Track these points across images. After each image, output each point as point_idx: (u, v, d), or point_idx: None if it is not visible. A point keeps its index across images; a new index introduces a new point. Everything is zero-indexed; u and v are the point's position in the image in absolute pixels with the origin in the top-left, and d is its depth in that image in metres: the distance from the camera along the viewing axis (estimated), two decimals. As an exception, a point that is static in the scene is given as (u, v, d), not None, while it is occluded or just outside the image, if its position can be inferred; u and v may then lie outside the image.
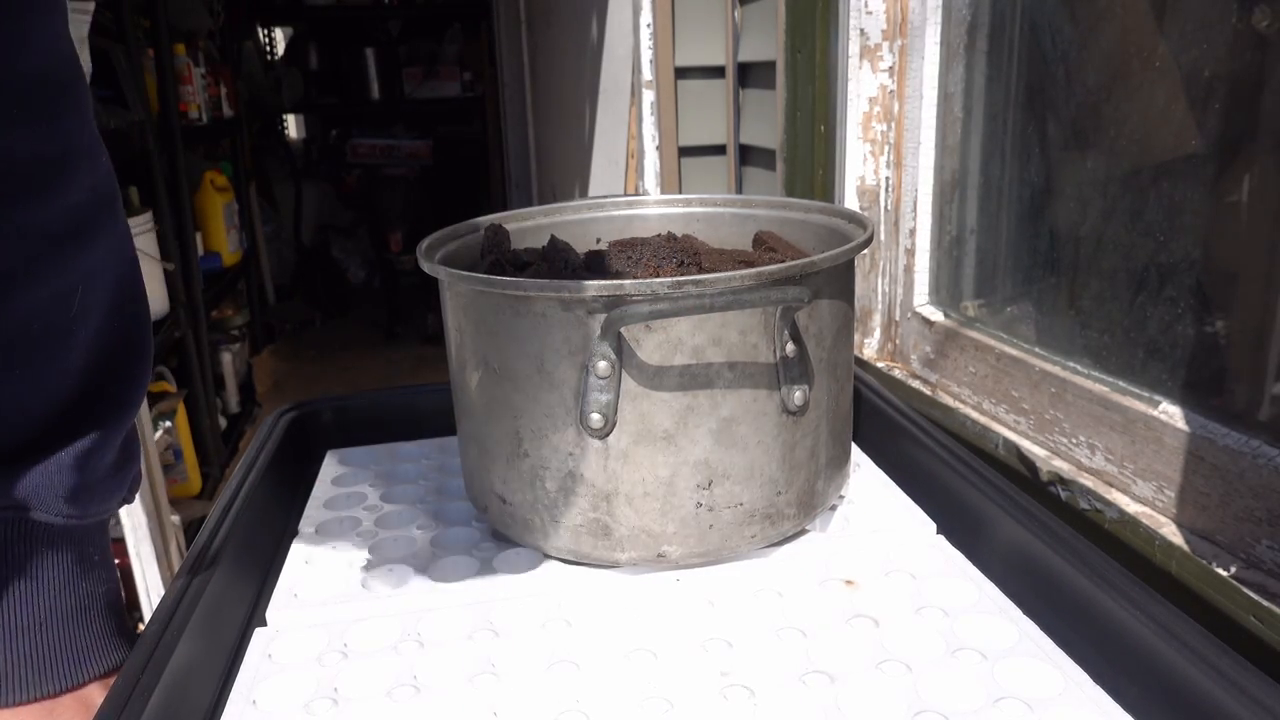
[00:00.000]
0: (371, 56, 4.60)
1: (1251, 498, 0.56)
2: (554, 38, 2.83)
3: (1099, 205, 0.72)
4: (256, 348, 3.77)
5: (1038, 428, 0.75)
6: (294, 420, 0.77)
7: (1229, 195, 0.62)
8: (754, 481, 0.56)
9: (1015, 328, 0.82)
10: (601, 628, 0.52)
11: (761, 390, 0.54)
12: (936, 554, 0.59)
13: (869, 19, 0.93)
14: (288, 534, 0.65)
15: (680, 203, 0.77)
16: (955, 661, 0.48)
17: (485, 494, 0.60)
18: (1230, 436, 0.58)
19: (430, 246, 0.63)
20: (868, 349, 1.01)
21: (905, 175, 0.96)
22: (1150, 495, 0.64)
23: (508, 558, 0.60)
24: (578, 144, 2.41)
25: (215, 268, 2.94)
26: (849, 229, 0.65)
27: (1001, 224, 0.85)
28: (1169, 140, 0.67)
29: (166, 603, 0.50)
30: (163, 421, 2.16)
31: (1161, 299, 0.66)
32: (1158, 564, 0.59)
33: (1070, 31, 0.75)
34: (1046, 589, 0.53)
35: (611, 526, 0.55)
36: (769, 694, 0.46)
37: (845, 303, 0.59)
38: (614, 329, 0.50)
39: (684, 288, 0.49)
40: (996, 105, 0.85)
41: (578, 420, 0.53)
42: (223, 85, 3.34)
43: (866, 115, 0.96)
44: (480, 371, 0.57)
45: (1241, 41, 0.59)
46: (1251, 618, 0.52)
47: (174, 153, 2.54)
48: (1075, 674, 0.47)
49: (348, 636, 0.53)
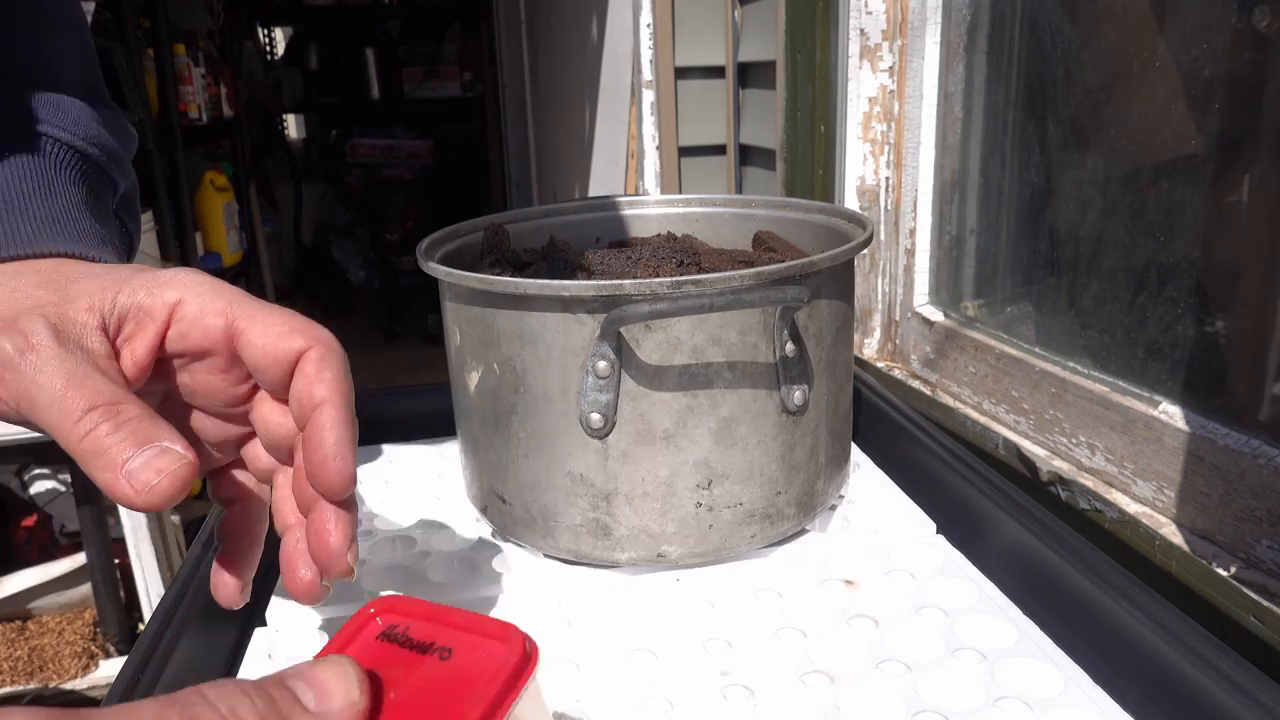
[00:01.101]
0: (371, 56, 4.60)
1: (1251, 498, 0.56)
2: (554, 38, 2.83)
3: (1099, 205, 0.72)
4: (256, 348, 3.77)
5: (1038, 428, 0.75)
6: (294, 420, 0.77)
7: (1229, 195, 0.62)
8: (754, 481, 0.56)
9: (1015, 328, 0.82)
10: (601, 628, 0.52)
11: (761, 390, 0.54)
12: (936, 554, 0.59)
13: (869, 19, 0.93)
14: (288, 534, 0.65)
15: (680, 203, 0.77)
16: (955, 661, 0.48)
17: (485, 494, 0.60)
18: (1230, 436, 0.58)
19: (430, 246, 0.63)
20: (868, 349, 1.01)
21: (905, 175, 0.96)
22: (1150, 495, 0.64)
23: (507, 558, 0.60)
24: (578, 144, 2.41)
25: (215, 268, 2.93)
26: (849, 229, 0.65)
27: (1001, 224, 0.85)
28: (1169, 140, 0.67)
29: (166, 603, 0.50)
30: (163, 421, 2.16)
31: (1161, 299, 0.66)
32: (1158, 564, 0.59)
33: (1070, 31, 0.75)
34: (1046, 589, 0.53)
35: (611, 526, 0.55)
36: (769, 694, 0.46)
37: (845, 303, 0.59)
38: (614, 329, 0.50)
39: (683, 288, 0.49)
40: (996, 105, 0.85)
41: (577, 420, 0.53)
42: (223, 85, 3.34)
43: (866, 115, 0.96)
44: (480, 371, 0.57)
45: (1241, 41, 0.59)
46: (1251, 618, 0.52)
47: (174, 153, 2.54)
48: (1075, 674, 0.47)
49: (347, 636, 0.53)
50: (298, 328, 0.38)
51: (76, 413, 0.33)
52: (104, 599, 1.99)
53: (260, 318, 0.38)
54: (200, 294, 0.38)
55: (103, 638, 2.03)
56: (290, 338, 0.38)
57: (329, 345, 0.39)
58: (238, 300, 0.39)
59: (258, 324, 0.38)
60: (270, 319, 0.38)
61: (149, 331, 0.37)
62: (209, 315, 0.38)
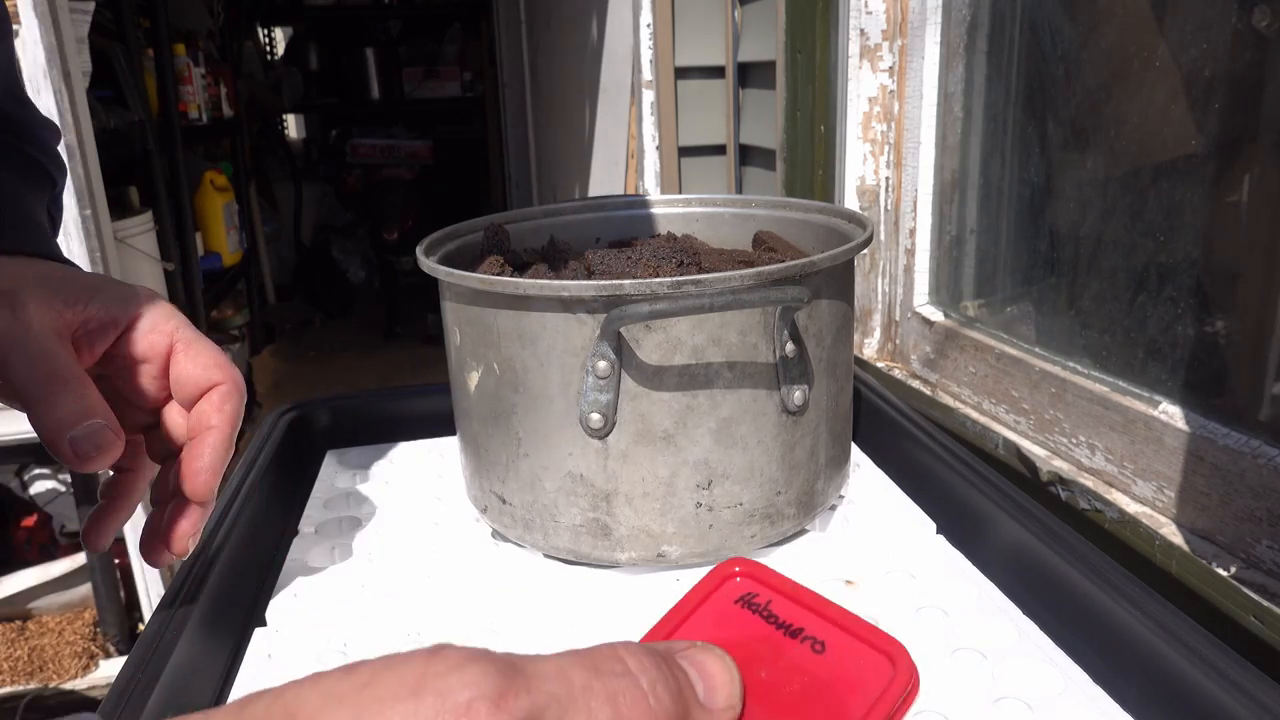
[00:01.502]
0: (371, 56, 4.60)
1: (1251, 498, 0.56)
2: (554, 38, 2.83)
3: (1099, 205, 0.72)
4: (256, 348, 3.77)
5: (1038, 428, 0.75)
6: (294, 420, 0.77)
7: (1229, 195, 0.62)
8: (754, 481, 0.56)
9: (1015, 328, 0.82)
10: (601, 628, 0.52)
11: (761, 390, 0.54)
12: (936, 554, 0.59)
13: (869, 19, 0.93)
14: (288, 534, 0.65)
15: (680, 203, 0.77)
16: (955, 661, 0.48)
17: (485, 494, 0.60)
18: (1230, 436, 0.58)
19: (430, 246, 0.63)
20: (868, 349, 1.01)
21: (905, 175, 0.96)
22: (1150, 495, 0.64)
23: (507, 558, 0.60)
24: (578, 144, 2.41)
25: (215, 268, 2.94)
26: (849, 229, 0.65)
27: (1001, 224, 0.85)
28: (1169, 140, 0.67)
29: (166, 603, 0.50)
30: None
31: (1161, 299, 0.66)
32: (1158, 564, 0.59)
33: (1070, 31, 0.75)
34: (1046, 589, 0.53)
35: (611, 526, 0.55)
36: (769, 694, 0.46)
37: (845, 303, 0.59)
38: (614, 329, 0.50)
39: (683, 288, 0.49)
40: (996, 105, 0.85)
41: (578, 420, 0.53)
42: (223, 85, 3.34)
43: (866, 115, 0.96)
44: (480, 371, 0.57)
45: (1241, 41, 0.59)
46: (1251, 618, 0.52)
47: (174, 153, 2.54)
48: (1075, 674, 0.47)
49: (348, 636, 0.53)
50: (220, 364, 0.47)
51: (42, 378, 0.42)
52: (104, 599, 2.00)
53: (195, 347, 0.47)
54: (155, 315, 0.47)
55: (103, 638, 2.04)
56: (212, 370, 0.47)
57: (237, 386, 0.48)
58: (182, 327, 0.47)
59: (192, 351, 0.47)
60: (202, 350, 0.47)
61: (109, 334, 0.46)
62: (157, 333, 0.47)
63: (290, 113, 4.92)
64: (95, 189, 1.60)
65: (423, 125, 4.74)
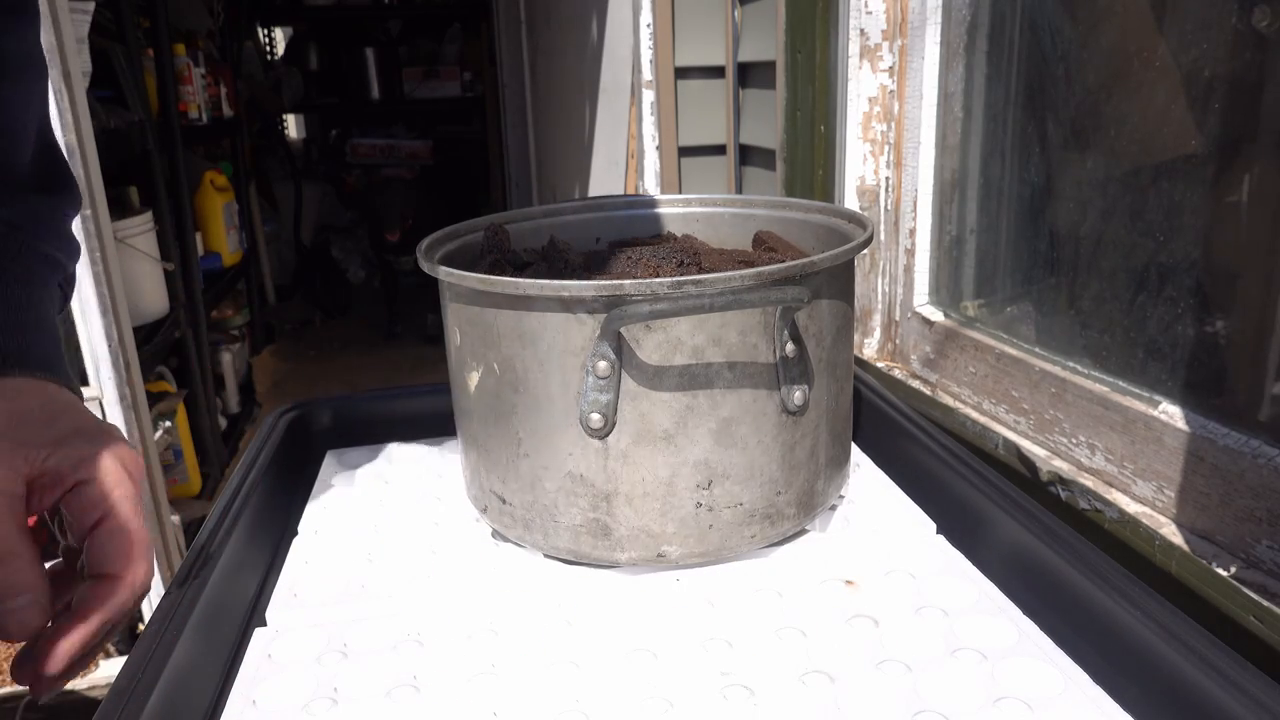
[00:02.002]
0: (371, 56, 4.60)
1: (1251, 498, 0.56)
2: (554, 38, 2.83)
3: (1099, 205, 0.72)
4: (256, 348, 3.77)
5: (1038, 428, 0.75)
6: (294, 420, 0.77)
7: (1229, 195, 0.62)
8: (754, 481, 0.56)
9: (1015, 328, 0.82)
10: (601, 628, 0.52)
11: (761, 390, 0.54)
12: (936, 554, 0.59)
13: (869, 19, 0.93)
14: (288, 534, 0.65)
15: (680, 203, 0.77)
16: (955, 661, 0.48)
17: (485, 494, 0.60)
18: (1230, 436, 0.58)
19: (430, 246, 0.63)
20: (868, 349, 1.01)
21: (905, 175, 0.96)
22: (1150, 495, 0.64)
23: (508, 558, 0.60)
24: (578, 144, 2.41)
25: (215, 268, 2.93)
26: (849, 229, 0.65)
27: (1001, 224, 0.85)
28: (1169, 140, 0.67)
29: (166, 603, 0.50)
30: (162, 421, 2.15)
31: (1161, 299, 0.66)
32: (1158, 564, 0.59)
33: (1070, 31, 0.75)
34: (1046, 589, 0.53)
35: (611, 526, 0.55)
36: (769, 694, 0.46)
37: (845, 303, 0.59)
38: (614, 329, 0.50)
39: (684, 288, 0.49)
40: (996, 105, 0.85)
41: (578, 420, 0.53)
42: (223, 85, 3.34)
43: (866, 115, 0.96)
44: (480, 371, 0.57)
45: (1241, 41, 0.59)
46: (1251, 618, 0.52)
47: (174, 153, 2.53)
48: (1075, 674, 0.47)
49: (347, 636, 0.53)
50: (130, 557, 0.45)
51: None
52: (104, 599, 1.99)
53: (120, 535, 0.45)
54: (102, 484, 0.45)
55: (103, 638, 2.03)
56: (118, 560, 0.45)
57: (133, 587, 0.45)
58: (121, 502, 0.46)
59: (116, 533, 0.45)
60: (124, 539, 0.45)
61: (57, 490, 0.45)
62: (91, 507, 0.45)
63: (290, 113, 4.92)
64: (95, 189, 1.60)
65: (423, 125, 4.74)
